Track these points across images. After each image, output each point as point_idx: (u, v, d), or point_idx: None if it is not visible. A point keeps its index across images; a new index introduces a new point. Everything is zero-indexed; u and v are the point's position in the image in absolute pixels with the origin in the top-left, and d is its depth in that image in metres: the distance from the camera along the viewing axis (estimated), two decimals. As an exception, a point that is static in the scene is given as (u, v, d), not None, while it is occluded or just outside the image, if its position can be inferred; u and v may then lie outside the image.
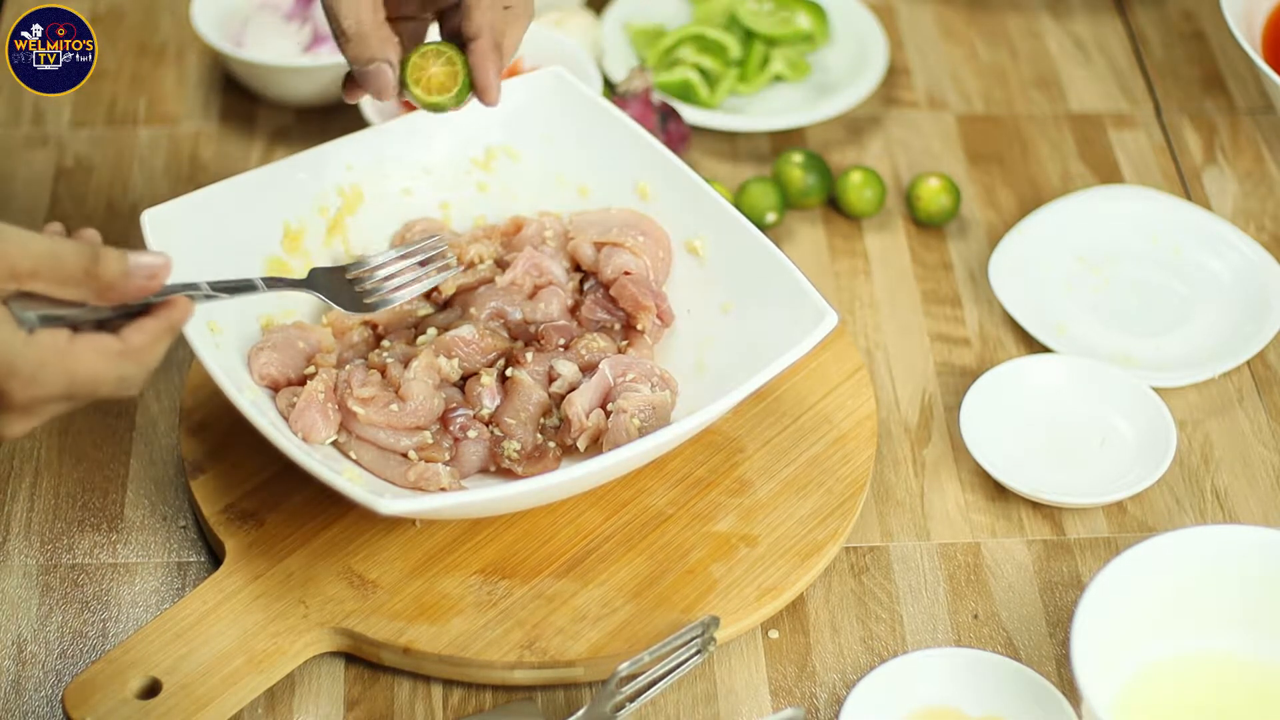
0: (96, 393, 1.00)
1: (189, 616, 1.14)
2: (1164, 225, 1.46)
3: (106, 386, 1.00)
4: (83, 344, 0.99)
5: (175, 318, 1.03)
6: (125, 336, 1.01)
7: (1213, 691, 1.11)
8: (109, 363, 1.00)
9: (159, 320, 1.02)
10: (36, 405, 0.99)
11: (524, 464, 1.21)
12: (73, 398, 1.00)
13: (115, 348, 1.00)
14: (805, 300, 1.20)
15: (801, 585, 1.20)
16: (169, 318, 1.03)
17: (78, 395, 1.00)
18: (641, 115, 1.47)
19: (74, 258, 0.98)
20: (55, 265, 0.98)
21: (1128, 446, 1.30)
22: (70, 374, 0.98)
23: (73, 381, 0.99)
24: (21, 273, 0.97)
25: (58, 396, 0.99)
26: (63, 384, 0.98)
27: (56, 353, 0.98)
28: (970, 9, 1.71)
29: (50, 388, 0.98)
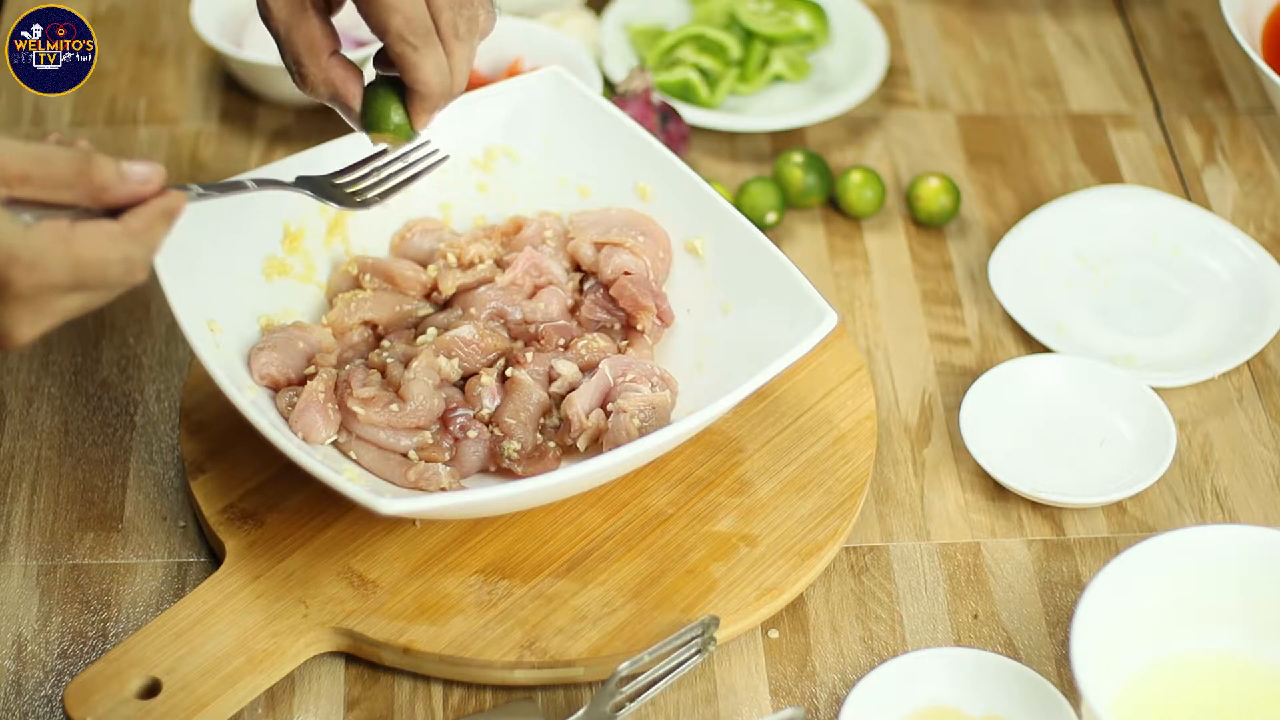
0: (104, 277, 0.98)
1: (189, 616, 1.14)
2: (1164, 225, 1.46)
3: (113, 268, 0.98)
4: (84, 228, 0.97)
5: (170, 204, 1.01)
6: (124, 220, 0.99)
7: (1213, 691, 1.11)
8: (112, 243, 0.98)
9: (155, 205, 1.00)
10: (43, 296, 0.96)
11: (524, 464, 1.21)
12: (80, 285, 0.97)
13: (116, 229, 0.98)
14: (805, 300, 1.20)
15: (801, 585, 1.20)
16: (164, 204, 1.01)
17: (85, 281, 0.97)
18: (641, 115, 1.47)
19: (66, 161, 0.97)
20: (46, 169, 0.96)
21: (1128, 446, 1.30)
22: (74, 257, 0.96)
23: (78, 264, 0.96)
24: (11, 176, 0.95)
25: (64, 284, 0.96)
26: (67, 268, 0.96)
27: (58, 237, 0.96)
28: (970, 9, 1.71)
29: (55, 273, 0.96)
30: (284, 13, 1.10)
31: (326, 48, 1.11)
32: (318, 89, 1.12)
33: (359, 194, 1.19)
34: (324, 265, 1.30)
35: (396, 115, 1.13)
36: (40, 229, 0.95)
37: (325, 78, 1.11)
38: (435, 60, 1.09)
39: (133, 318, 1.38)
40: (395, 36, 1.08)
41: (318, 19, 1.10)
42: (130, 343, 1.36)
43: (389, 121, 1.13)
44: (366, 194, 1.19)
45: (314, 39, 1.10)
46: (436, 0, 1.08)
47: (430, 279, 1.30)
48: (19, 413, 1.31)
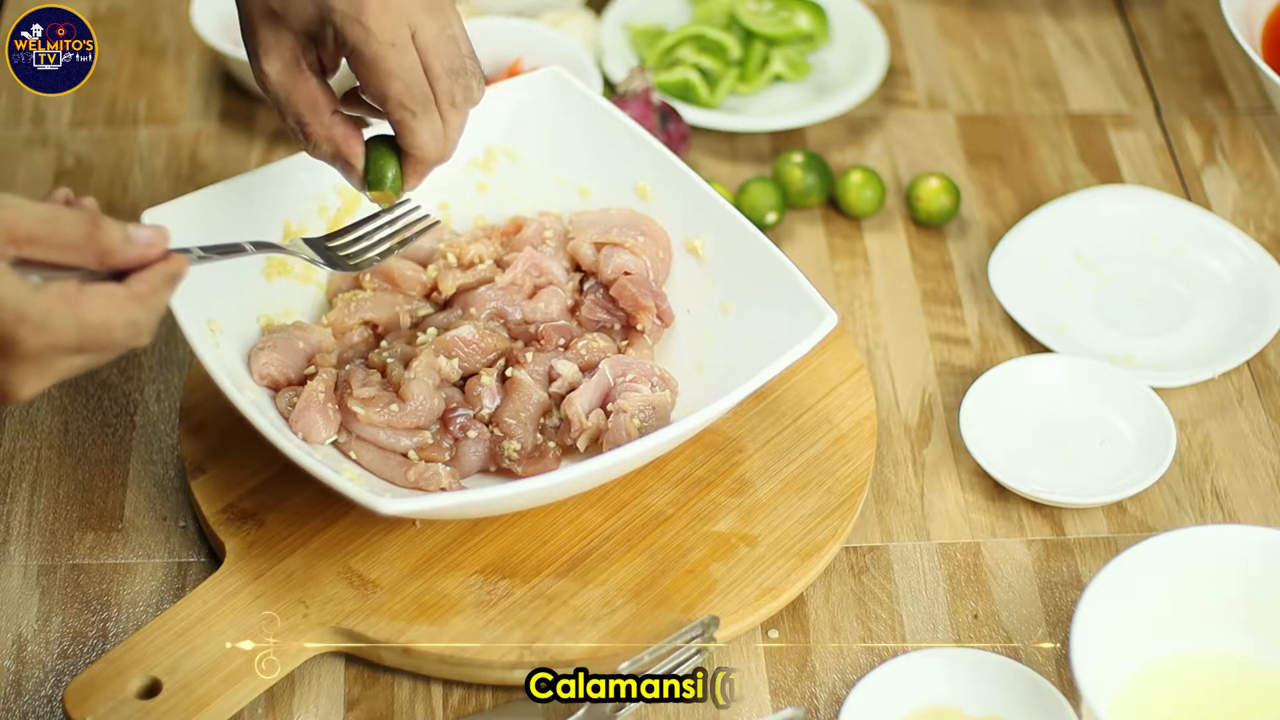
0: (109, 340, 0.99)
1: (189, 616, 1.14)
2: (1164, 225, 1.46)
3: (119, 332, 0.99)
4: (91, 291, 0.98)
5: (174, 268, 1.02)
6: (130, 284, 1.00)
7: (1213, 691, 1.11)
8: (118, 306, 0.99)
9: (159, 270, 1.02)
10: (49, 356, 0.97)
11: (524, 464, 1.21)
12: (85, 348, 0.98)
13: (122, 293, 1.00)
14: (805, 300, 1.20)
15: (801, 585, 1.20)
16: (168, 269, 1.02)
17: (90, 344, 0.98)
18: (641, 115, 1.47)
19: (74, 223, 0.98)
20: (54, 230, 0.97)
21: (1128, 446, 1.30)
22: (81, 320, 0.97)
23: (83, 327, 0.98)
24: (20, 237, 0.97)
25: (70, 346, 0.98)
26: (73, 330, 0.97)
27: (65, 299, 0.97)
28: (970, 9, 1.71)
29: (61, 335, 0.97)
30: (281, 77, 1.12)
31: (327, 106, 1.13)
32: (321, 147, 1.13)
33: (353, 256, 1.20)
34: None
35: (393, 174, 1.14)
36: (49, 291, 0.97)
37: (328, 135, 1.13)
38: (432, 128, 1.12)
39: (133, 318, 1.38)
40: (395, 103, 1.10)
41: (315, 79, 1.12)
42: (130, 343, 1.36)
43: (386, 180, 1.14)
44: (359, 257, 1.20)
45: (314, 98, 1.12)
46: (434, 69, 1.10)
47: (430, 279, 1.30)
48: (19, 413, 1.31)
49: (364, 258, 1.20)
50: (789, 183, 1.48)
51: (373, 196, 1.15)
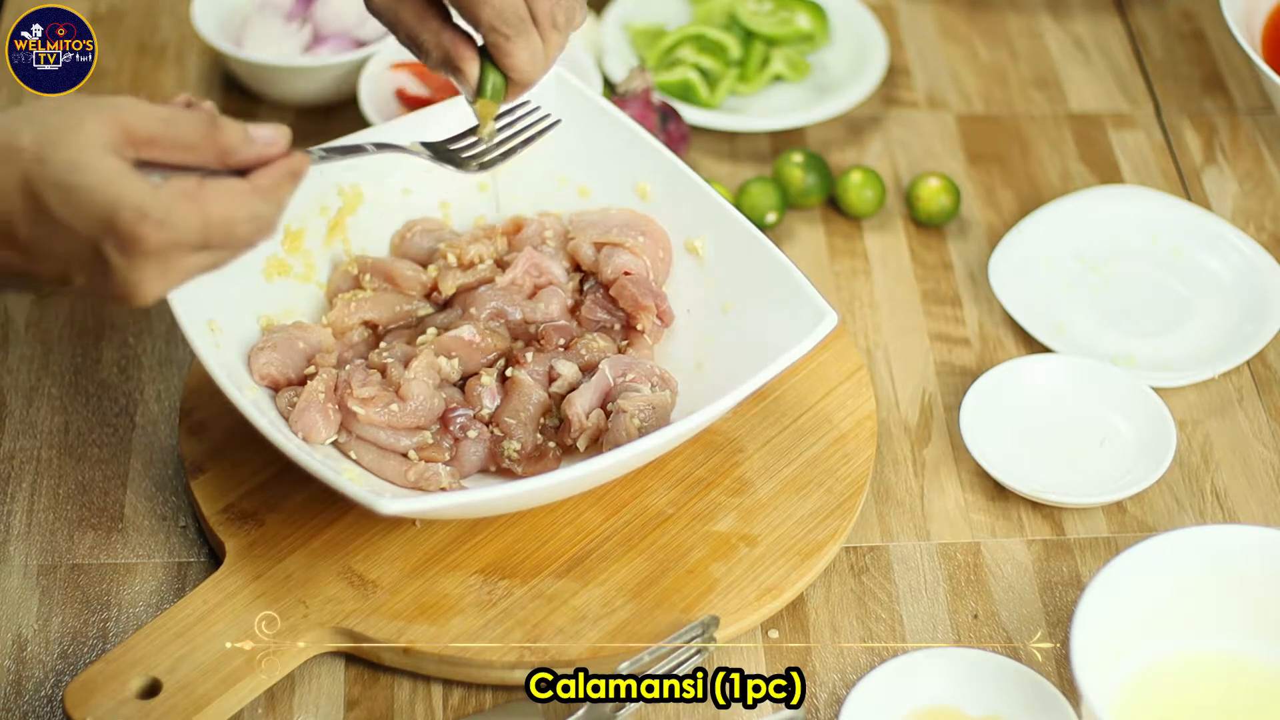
0: (233, 235, 0.99)
1: (189, 616, 1.14)
2: (1164, 225, 1.46)
3: (242, 227, 0.99)
4: (213, 185, 0.98)
5: (296, 165, 1.02)
6: (253, 178, 1.00)
7: (1213, 691, 1.11)
8: (242, 200, 0.99)
9: (282, 165, 1.02)
10: (172, 254, 0.97)
11: (524, 464, 1.21)
12: (209, 244, 0.98)
13: (245, 187, 0.99)
14: (805, 300, 1.20)
15: (801, 585, 1.20)
16: (290, 164, 1.02)
17: (214, 240, 0.98)
18: (641, 115, 1.47)
19: (193, 123, 0.98)
20: (173, 131, 0.97)
21: (1128, 446, 1.30)
22: (204, 214, 0.97)
23: (208, 221, 0.97)
24: (139, 139, 0.97)
25: (193, 242, 0.97)
26: (197, 226, 0.97)
27: (187, 195, 0.97)
28: (970, 9, 1.71)
29: (185, 231, 0.96)
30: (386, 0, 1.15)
31: (435, 16, 1.15)
32: (432, 54, 1.15)
33: (478, 157, 1.20)
34: (324, 265, 1.30)
35: (493, 84, 1.16)
36: (170, 187, 0.96)
37: (437, 41, 1.14)
38: (530, 49, 1.14)
39: (133, 318, 1.38)
40: (487, 27, 1.13)
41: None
42: (130, 343, 1.36)
43: (486, 89, 1.16)
44: (483, 157, 1.21)
45: (420, 11, 1.14)
46: None
47: (430, 279, 1.30)
48: (19, 413, 1.31)
49: (488, 158, 1.20)
50: (789, 183, 1.48)
51: (477, 106, 1.16)
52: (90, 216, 0.95)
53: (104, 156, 0.95)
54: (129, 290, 0.98)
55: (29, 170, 0.95)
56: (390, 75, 1.51)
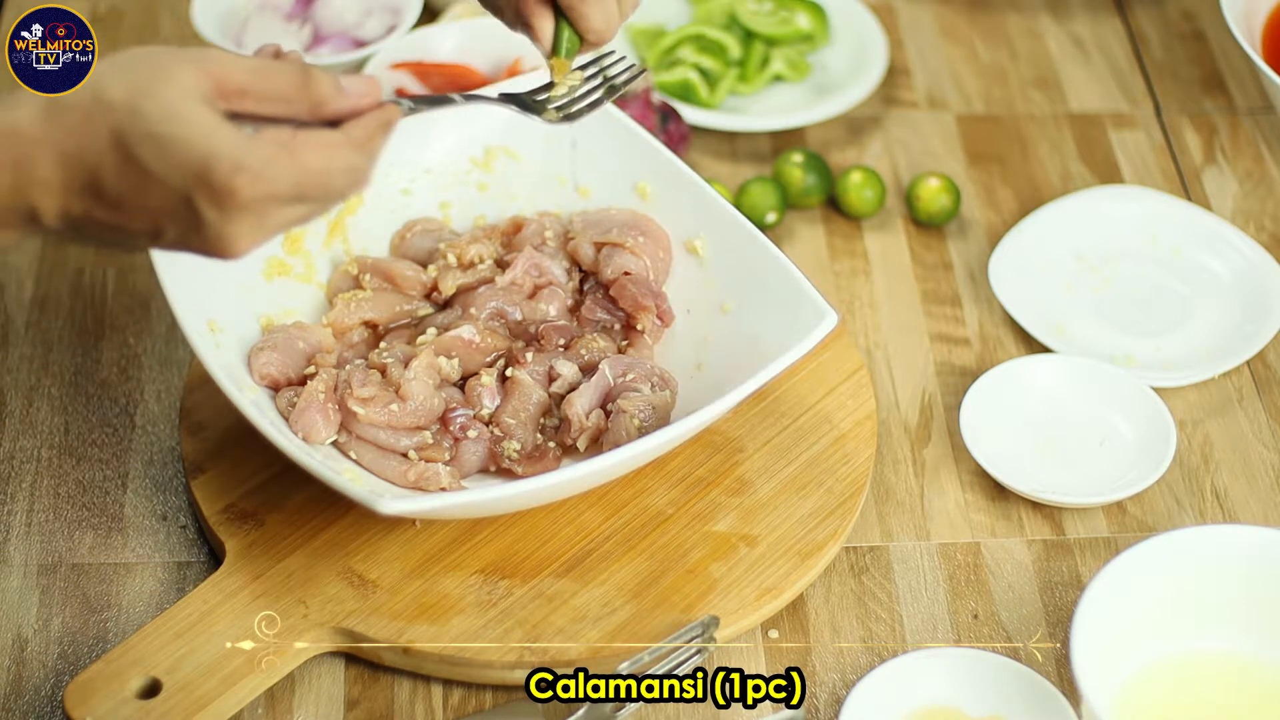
0: (328, 185, 0.98)
1: (189, 616, 1.14)
2: (1164, 225, 1.46)
3: (338, 178, 0.98)
4: (307, 136, 0.97)
5: (388, 116, 1.01)
6: (346, 129, 0.99)
7: (1213, 691, 1.11)
8: (336, 151, 0.98)
9: (374, 116, 1.01)
10: (267, 206, 0.96)
11: (524, 464, 1.21)
12: (304, 196, 0.97)
13: (339, 138, 0.98)
14: (805, 300, 1.20)
15: (801, 585, 1.20)
16: (383, 115, 1.01)
17: (309, 191, 0.97)
18: (641, 115, 1.47)
19: (285, 75, 0.97)
20: (265, 82, 0.96)
21: (1128, 446, 1.30)
22: (299, 166, 0.96)
23: (302, 173, 0.96)
24: (231, 90, 0.96)
25: (288, 194, 0.96)
26: (292, 177, 0.96)
27: (282, 146, 0.96)
28: (970, 9, 1.71)
29: (279, 183, 0.95)
30: None
31: None
32: (506, 13, 1.15)
33: (564, 108, 1.19)
34: (324, 265, 1.30)
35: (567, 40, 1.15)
36: (264, 138, 0.95)
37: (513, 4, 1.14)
38: (602, 8, 1.13)
39: (133, 318, 1.38)
40: None
41: None
42: (130, 343, 1.36)
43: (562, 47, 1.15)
44: (570, 108, 1.19)
45: None
46: None
47: (430, 279, 1.30)
48: (19, 413, 1.31)
49: (575, 109, 1.19)
50: (789, 183, 1.48)
51: (552, 63, 1.16)
52: (184, 168, 0.94)
53: (198, 107, 0.94)
54: (222, 243, 0.97)
55: (121, 122, 0.94)
56: (390, 75, 1.51)
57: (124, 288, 1.40)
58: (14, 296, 1.39)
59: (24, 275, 1.41)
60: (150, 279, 1.37)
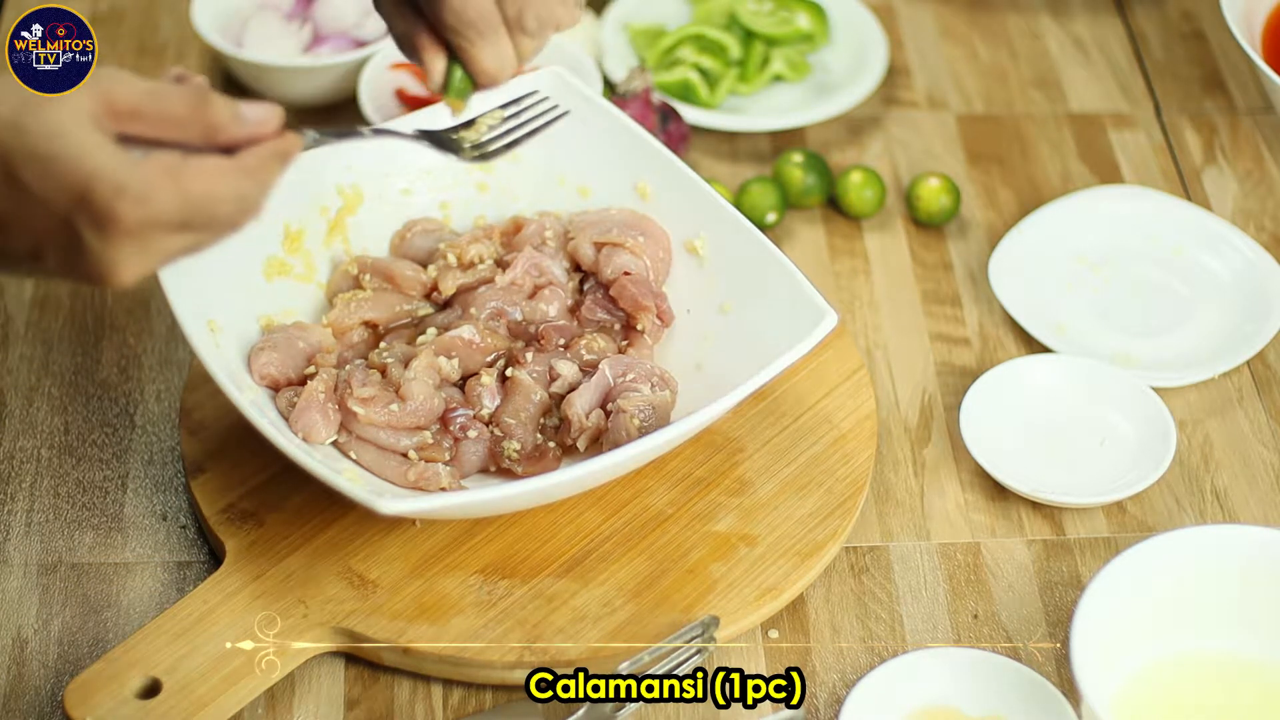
0: (214, 214, 0.94)
1: (189, 616, 1.14)
2: (1164, 225, 1.46)
3: (224, 205, 0.94)
4: (196, 162, 0.93)
5: (286, 146, 0.98)
6: (239, 157, 0.96)
7: (1213, 691, 1.11)
8: (225, 179, 0.94)
9: (270, 145, 0.97)
10: (150, 233, 0.92)
11: (524, 464, 1.21)
12: (189, 224, 0.93)
13: (229, 165, 0.95)
14: (805, 300, 1.20)
15: (801, 585, 1.20)
16: (280, 145, 0.98)
17: (194, 219, 0.93)
18: (641, 115, 1.47)
19: (180, 98, 0.94)
20: (159, 104, 0.94)
21: (1128, 446, 1.30)
22: (184, 192, 0.92)
23: (187, 200, 0.92)
24: (122, 111, 0.93)
25: (172, 220, 0.92)
26: (176, 204, 0.92)
27: (168, 171, 0.92)
28: (970, 9, 1.71)
29: (163, 208, 0.92)
30: None
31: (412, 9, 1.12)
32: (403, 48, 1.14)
33: (480, 147, 1.19)
34: (324, 265, 1.30)
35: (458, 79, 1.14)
36: (150, 162, 0.92)
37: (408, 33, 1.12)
38: (493, 51, 1.11)
39: (133, 318, 1.38)
40: (447, 29, 1.10)
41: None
42: (130, 343, 1.36)
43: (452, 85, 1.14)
44: (487, 148, 1.19)
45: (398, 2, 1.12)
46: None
47: (430, 279, 1.30)
48: (19, 413, 1.31)
49: (491, 148, 1.19)
50: (789, 183, 1.48)
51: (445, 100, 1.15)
52: (65, 189, 0.90)
53: (84, 127, 0.91)
54: (104, 270, 0.93)
55: (4, 139, 0.91)
56: (390, 75, 1.51)
57: (124, 288, 1.40)
58: (14, 296, 1.39)
59: (24, 275, 1.41)
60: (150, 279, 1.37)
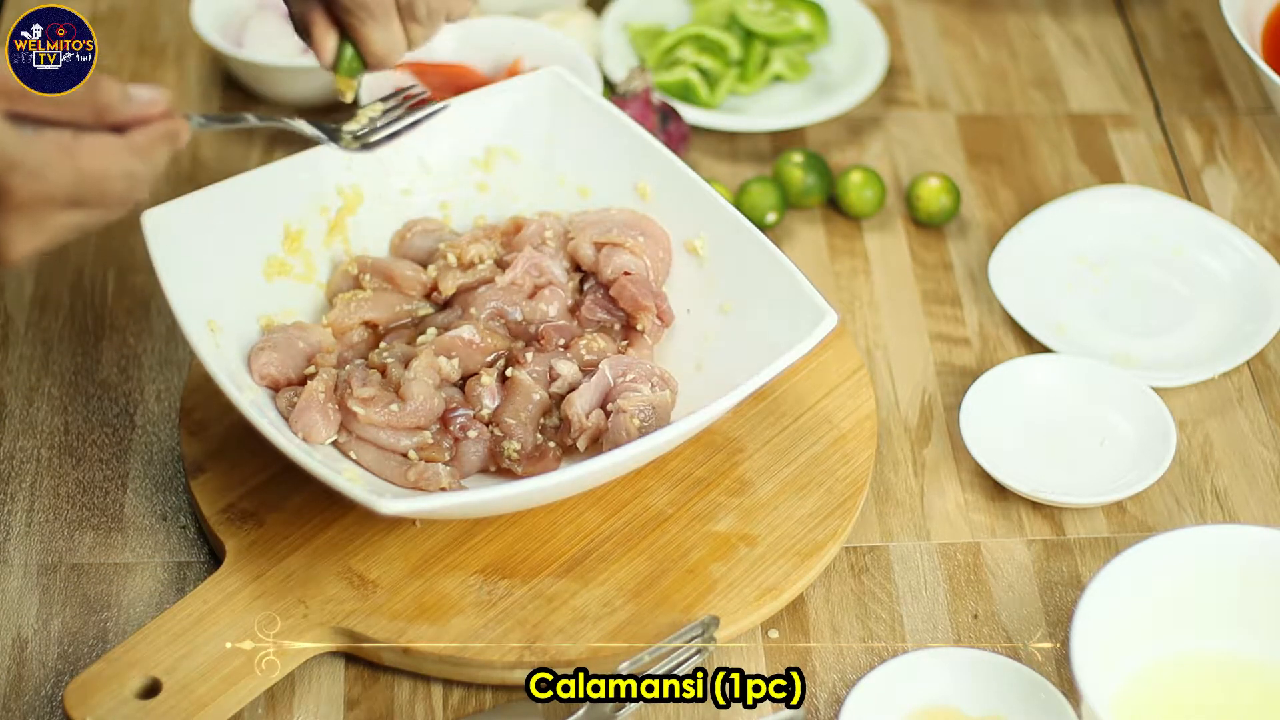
0: (105, 190, 0.97)
1: (189, 616, 1.14)
2: (1164, 225, 1.46)
3: (115, 183, 0.98)
4: (88, 140, 0.96)
5: (174, 128, 1.02)
6: (129, 136, 0.99)
7: (1213, 691, 1.12)
8: (115, 156, 0.98)
9: (159, 126, 1.01)
10: (43, 207, 0.95)
11: (524, 464, 1.21)
12: (81, 200, 0.96)
13: (120, 143, 0.98)
14: (805, 300, 1.20)
15: (801, 585, 1.20)
16: (168, 126, 1.01)
17: (86, 195, 0.96)
18: (641, 115, 1.47)
19: None
20: None
21: (1128, 446, 1.30)
22: (77, 169, 0.95)
23: (80, 177, 0.96)
24: (13, 90, 0.96)
25: (64, 196, 0.96)
26: (69, 180, 0.95)
27: (60, 148, 0.95)
28: (970, 9, 1.71)
29: (56, 184, 0.95)
30: None
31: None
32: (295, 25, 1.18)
33: (362, 137, 1.22)
34: (324, 265, 1.30)
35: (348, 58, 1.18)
36: (43, 139, 0.95)
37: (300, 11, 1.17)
38: (384, 33, 1.15)
39: (133, 318, 1.38)
40: (341, 8, 1.14)
41: None
42: (130, 343, 1.36)
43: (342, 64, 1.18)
44: (369, 138, 1.22)
45: None
46: None
47: (430, 279, 1.30)
48: (19, 413, 1.31)
49: (372, 139, 1.22)
50: (789, 183, 1.48)
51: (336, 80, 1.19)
52: None
53: None
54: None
55: None
56: (390, 75, 1.51)
57: (124, 288, 1.40)
58: (14, 296, 1.39)
59: (24, 275, 1.41)
60: (150, 279, 1.37)
